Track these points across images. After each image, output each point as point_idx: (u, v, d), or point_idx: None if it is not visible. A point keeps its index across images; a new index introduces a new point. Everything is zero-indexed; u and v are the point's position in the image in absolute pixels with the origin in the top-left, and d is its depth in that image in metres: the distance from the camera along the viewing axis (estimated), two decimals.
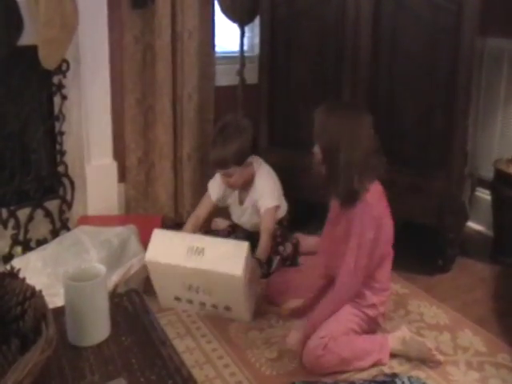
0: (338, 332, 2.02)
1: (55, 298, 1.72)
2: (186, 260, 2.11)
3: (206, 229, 2.80)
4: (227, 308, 2.24)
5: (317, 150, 2.09)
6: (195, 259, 2.10)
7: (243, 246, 2.12)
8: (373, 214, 2.04)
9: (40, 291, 1.16)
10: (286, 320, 2.30)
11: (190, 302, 2.28)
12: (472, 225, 3.11)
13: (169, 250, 2.15)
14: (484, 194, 3.07)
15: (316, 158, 2.10)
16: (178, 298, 2.29)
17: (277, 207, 2.65)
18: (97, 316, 1.36)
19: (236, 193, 2.73)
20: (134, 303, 1.55)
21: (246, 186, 2.68)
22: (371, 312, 2.13)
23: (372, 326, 2.16)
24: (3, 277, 1.19)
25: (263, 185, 2.65)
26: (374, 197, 2.06)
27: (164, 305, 2.34)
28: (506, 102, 2.98)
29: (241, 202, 2.74)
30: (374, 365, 2.04)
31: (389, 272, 2.22)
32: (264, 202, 2.62)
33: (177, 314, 2.33)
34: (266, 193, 2.63)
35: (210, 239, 2.28)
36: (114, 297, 1.58)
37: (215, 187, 2.72)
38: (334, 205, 2.21)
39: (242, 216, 2.77)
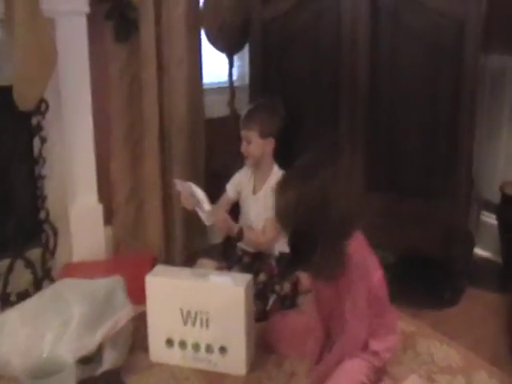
0: None
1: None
2: (189, 279, 2.20)
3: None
4: (223, 350, 2.13)
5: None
6: (198, 279, 2.20)
7: (246, 276, 2.23)
8: (357, 263, 1.85)
9: None
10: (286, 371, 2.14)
11: (183, 345, 2.17)
12: (478, 251, 2.94)
13: (172, 272, 2.31)
14: (490, 219, 2.93)
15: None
16: (170, 342, 2.18)
17: None
18: None
19: (252, 181, 2.72)
20: None
21: (263, 173, 2.67)
22: (376, 361, 1.97)
23: (380, 375, 2.00)
24: None
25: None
26: (356, 247, 1.86)
27: (154, 355, 2.21)
28: (510, 121, 2.86)
29: (254, 192, 2.70)
30: None
31: (393, 315, 2.08)
32: None
33: (169, 369, 2.17)
34: None
35: (214, 271, 2.54)
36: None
37: (233, 180, 2.77)
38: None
39: (252, 209, 2.69)
